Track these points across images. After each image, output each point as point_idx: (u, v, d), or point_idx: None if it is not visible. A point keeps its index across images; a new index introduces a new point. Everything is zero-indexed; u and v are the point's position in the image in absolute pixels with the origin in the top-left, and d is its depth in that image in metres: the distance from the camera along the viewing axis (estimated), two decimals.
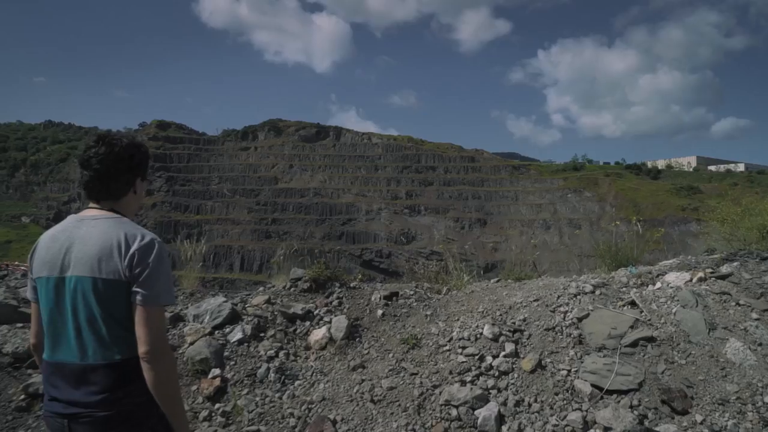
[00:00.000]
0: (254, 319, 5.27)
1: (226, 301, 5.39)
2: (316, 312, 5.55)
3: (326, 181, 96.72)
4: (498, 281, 6.43)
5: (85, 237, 2.15)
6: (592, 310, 4.96)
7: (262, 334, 5.18)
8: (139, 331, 2.08)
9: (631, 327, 4.67)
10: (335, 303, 5.72)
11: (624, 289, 5.38)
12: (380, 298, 5.76)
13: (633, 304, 5.00)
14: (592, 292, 5.29)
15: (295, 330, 5.34)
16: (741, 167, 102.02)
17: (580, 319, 4.88)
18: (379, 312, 5.55)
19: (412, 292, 5.95)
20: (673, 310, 4.80)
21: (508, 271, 6.77)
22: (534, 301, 5.32)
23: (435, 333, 5.13)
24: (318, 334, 5.17)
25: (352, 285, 6.11)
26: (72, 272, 2.11)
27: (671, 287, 5.20)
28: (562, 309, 5.09)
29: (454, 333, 5.03)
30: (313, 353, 5.05)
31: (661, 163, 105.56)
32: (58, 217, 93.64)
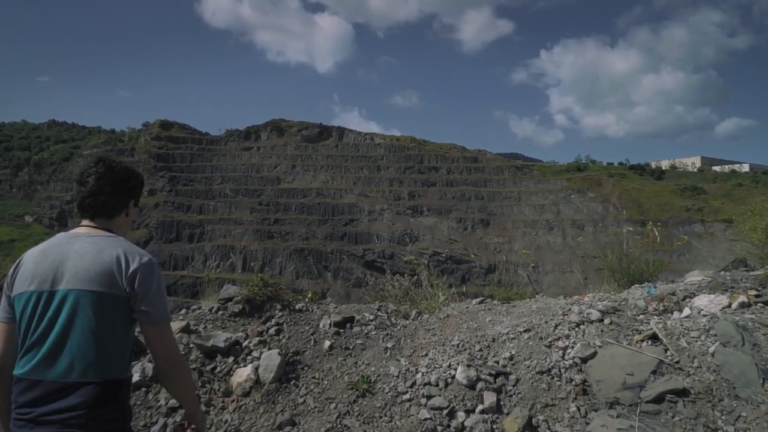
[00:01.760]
0: None
1: None
2: (245, 344, 4.32)
3: (329, 181, 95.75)
4: (482, 302, 5.17)
5: (81, 252, 2.11)
6: (600, 347, 3.73)
7: None
8: (158, 348, 2.14)
9: (654, 372, 3.43)
10: (272, 331, 4.49)
11: (641, 316, 4.11)
12: (330, 324, 4.53)
13: (654, 338, 3.76)
14: (600, 320, 4.05)
15: (214, 369, 4.11)
16: (746, 168, 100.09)
17: (584, 360, 3.66)
18: (327, 344, 4.33)
19: (372, 317, 4.71)
20: (710, 349, 3.55)
21: (494, 285, 5.50)
22: (524, 331, 4.09)
23: (394, 374, 3.92)
24: (242, 375, 3.96)
25: (297, 307, 4.86)
26: (66, 286, 2.04)
27: (704, 315, 3.94)
28: (560, 344, 3.86)
29: (419, 375, 3.82)
30: (232, 401, 3.84)
31: (664, 164, 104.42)
32: (62, 217, 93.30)
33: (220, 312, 4.79)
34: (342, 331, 4.50)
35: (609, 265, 5.73)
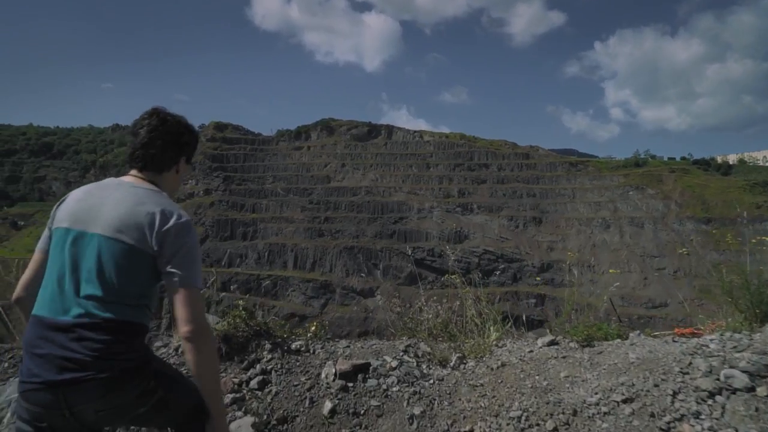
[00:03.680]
0: None
1: None
2: None
3: (378, 179, 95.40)
4: (551, 344, 3.69)
5: (120, 199, 2.06)
6: None
7: None
8: (181, 311, 1.97)
9: None
10: (255, 383, 3.19)
11: None
12: (335, 375, 3.21)
13: None
14: (750, 389, 2.56)
15: None
16: None
17: None
18: (328, 405, 3.01)
19: (395, 364, 3.35)
20: None
21: (564, 319, 3.93)
22: (624, 401, 2.65)
23: None
24: None
25: (293, 347, 3.56)
26: (96, 230, 2.00)
27: None
28: (687, 429, 2.42)
29: None
30: None
31: (732, 158, 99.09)
32: None
33: None
34: (351, 385, 3.17)
35: (726, 287, 4.13)
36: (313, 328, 3.90)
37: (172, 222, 2.01)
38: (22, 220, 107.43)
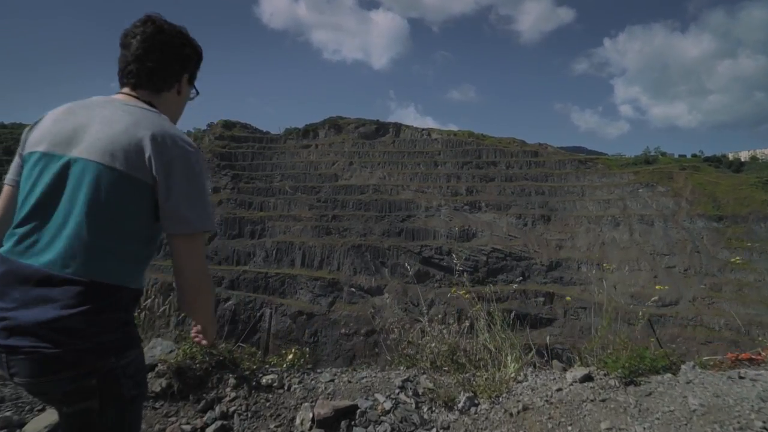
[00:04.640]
0: None
1: None
2: None
3: (386, 177, 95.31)
4: (585, 379, 2.96)
5: (110, 119, 1.68)
6: None
7: None
8: (182, 261, 1.68)
9: None
10: (212, 431, 2.58)
11: None
12: (312, 422, 2.56)
13: None
14: None
15: None
16: None
17: None
18: None
19: (389, 405, 2.68)
20: None
21: (597, 344, 3.21)
22: None
23: None
24: None
25: (263, 381, 2.89)
26: (81, 154, 1.62)
27: None
28: None
29: None
30: None
31: (743, 155, 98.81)
32: None
33: None
34: None
35: None
36: (291, 356, 3.23)
37: (175, 150, 1.66)
38: None
